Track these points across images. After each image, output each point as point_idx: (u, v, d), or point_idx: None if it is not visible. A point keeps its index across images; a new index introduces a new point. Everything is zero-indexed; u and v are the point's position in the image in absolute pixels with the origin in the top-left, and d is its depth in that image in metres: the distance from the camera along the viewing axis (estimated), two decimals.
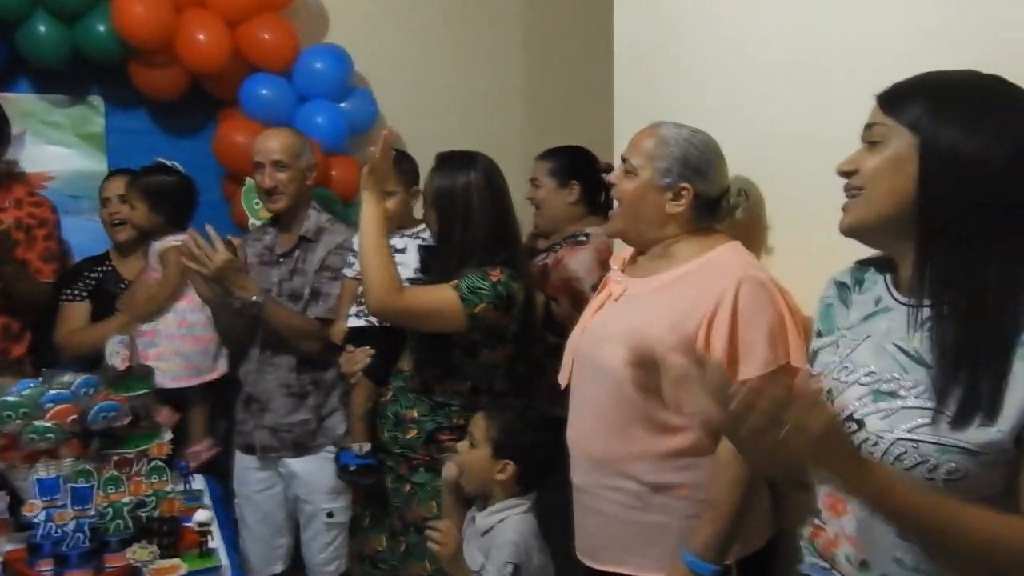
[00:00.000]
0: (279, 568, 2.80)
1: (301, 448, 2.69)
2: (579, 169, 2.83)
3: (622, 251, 1.95)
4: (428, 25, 3.73)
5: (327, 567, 2.76)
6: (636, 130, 1.84)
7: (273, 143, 2.63)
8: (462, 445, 2.01)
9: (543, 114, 3.81)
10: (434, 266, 2.29)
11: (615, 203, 1.83)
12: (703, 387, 1.04)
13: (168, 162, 2.86)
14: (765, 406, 0.98)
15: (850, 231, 1.19)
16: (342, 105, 3.30)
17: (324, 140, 3.15)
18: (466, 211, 2.19)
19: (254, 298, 2.49)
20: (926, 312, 1.12)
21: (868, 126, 1.17)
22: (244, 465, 2.77)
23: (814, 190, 1.66)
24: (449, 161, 2.26)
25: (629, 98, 2.32)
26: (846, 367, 1.20)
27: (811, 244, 1.68)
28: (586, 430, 1.81)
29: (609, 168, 2.86)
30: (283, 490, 2.76)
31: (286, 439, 2.69)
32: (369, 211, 2.15)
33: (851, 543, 1.16)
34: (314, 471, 2.69)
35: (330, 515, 2.72)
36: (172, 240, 2.71)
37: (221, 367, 2.81)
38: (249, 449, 2.75)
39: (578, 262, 2.66)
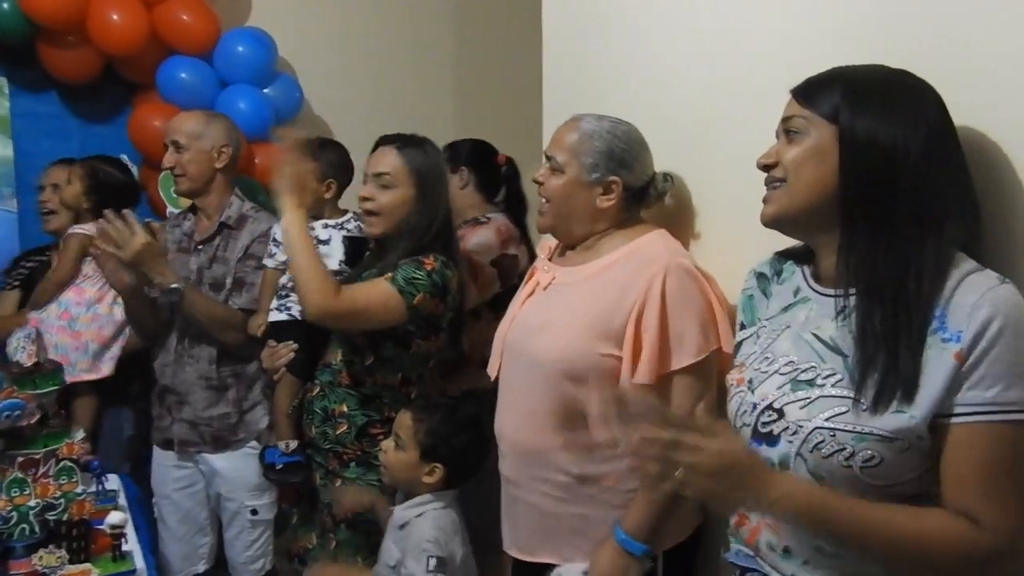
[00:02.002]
0: (202, 568, 2.72)
1: (221, 443, 2.61)
2: (469, 157, 2.82)
3: (549, 240, 1.94)
4: (355, 10, 3.67)
5: (252, 565, 2.69)
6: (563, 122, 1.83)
7: (174, 123, 2.57)
8: (387, 444, 1.97)
9: (471, 102, 3.79)
10: (388, 251, 2.21)
11: (541, 200, 1.81)
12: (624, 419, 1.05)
13: (127, 161, 2.81)
14: (656, 453, 1.01)
15: (772, 222, 1.20)
16: (265, 91, 3.22)
17: (247, 126, 3.04)
18: (443, 188, 2.17)
19: (173, 285, 2.40)
20: (845, 301, 1.13)
21: (786, 119, 1.19)
22: (162, 462, 2.68)
23: (736, 179, 1.69)
24: (412, 140, 2.21)
25: (557, 89, 2.31)
26: (767, 357, 1.22)
27: (734, 232, 1.70)
28: (515, 421, 1.79)
29: (508, 162, 2.90)
30: (204, 487, 2.67)
31: (205, 433, 2.60)
32: (290, 217, 2.07)
33: (773, 531, 1.18)
34: (236, 467, 2.61)
35: (254, 512, 2.64)
36: (80, 228, 2.61)
37: (104, 369, 2.73)
38: (167, 444, 2.65)
39: (478, 239, 2.66)
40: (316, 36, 3.54)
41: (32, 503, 1.78)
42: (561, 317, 1.71)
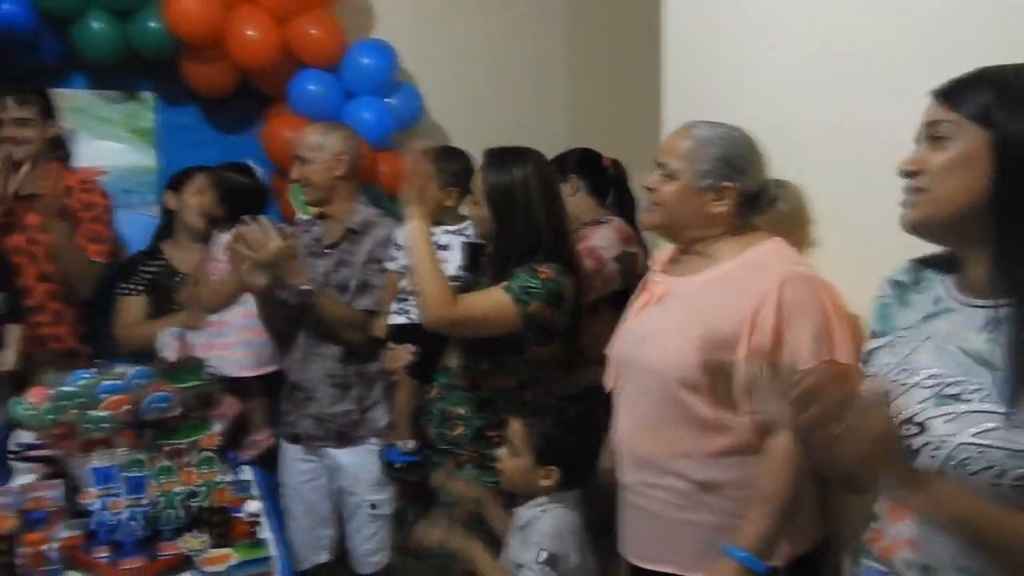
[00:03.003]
0: (324, 558, 2.83)
1: (344, 439, 2.72)
2: (576, 165, 2.84)
3: (661, 252, 1.95)
4: (473, 20, 3.74)
5: (371, 558, 2.79)
6: None
7: (299, 138, 2.71)
8: (502, 452, 2.01)
9: (588, 109, 3.80)
10: (488, 264, 2.28)
11: (647, 203, 1.81)
12: (774, 391, 1.04)
13: (251, 164, 2.94)
14: (826, 401, 0.97)
15: (915, 229, 1.17)
16: (388, 101, 3.32)
17: (370, 136, 3.17)
18: (524, 207, 2.17)
19: (305, 287, 2.52)
20: (997, 313, 1.09)
21: (930, 123, 1.15)
22: (290, 455, 2.81)
23: (857, 185, 1.66)
24: (501, 157, 2.24)
25: (678, 95, 2.31)
26: (905, 369, 1.18)
27: (854, 240, 1.68)
28: (632, 430, 1.80)
29: (614, 165, 2.90)
30: (327, 481, 2.79)
31: (330, 429, 2.72)
32: (415, 226, 2.16)
33: (912, 548, 1.14)
34: (358, 463, 2.72)
35: (374, 507, 2.74)
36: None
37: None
38: (294, 439, 2.78)
39: (600, 236, 2.69)
40: (436, 46, 3.63)
41: (178, 490, 1.91)
42: (674, 326, 1.71)
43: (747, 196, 1.73)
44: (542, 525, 1.87)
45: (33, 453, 2.08)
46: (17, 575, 1.69)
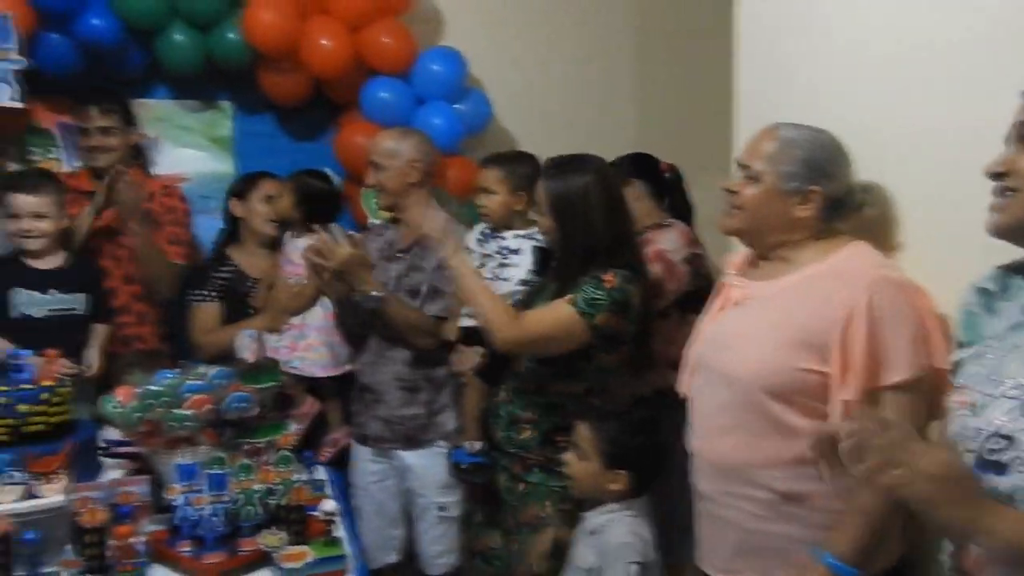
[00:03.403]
0: (393, 559, 2.88)
1: (412, 442, 2.76)
2: (636, 170, 2.87)
3: (736, 254, 1.92)
4: (541, 25, 3.76)
5: (439, 560, 2.81)
6: (758, 131, 1.81)
7: (374, 144, 2.75)
8: (570, 456, 2.01)
9: (655, 113, 3.78)
10: (553, 271, 2.29)
11: (727, 207, 1.79)
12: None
13: (328, 171, 3.02)
14: (879, 444, 0.97)
15: (1002, 232, 1.14)
16: (457, 106, 3.36)
17: (440, 141, 3.19)
18: (585, 215, 2.18)
19: (375, 292, 2.56)
20: None
21: (1019, 123, 1.12)
22: (360, 456, 2.86)
23: (943, 188, 1.62)
24: (562, 165, 2.26)
25: (752, 97, 2.28)
26: (993, 379, 1.15)
27: (941, 244, 1.63)
28: (711, 437, 1.77)
29: (671, 170, 2.88)
30: (397, 482, 2.83)
31: (398, 431, 2.76)
32: (455, 262, 2.21)
33: (1001, 565, 1.11)
34: (426, 465, 2.75)
35: (442, 509, 2.77)
36: (303, 238, 2.83)
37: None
38: (364, 440, 2.83)
39: (666, 239, 2.71)
40: (504, 52, 3.66)
41: (257, 487, 1.96)
42: (756, 331, 1.68)
43: (833, 200, 1.69)
44: (620, 533, 1.86)
45: (120, 450, 2.16)
46: (107, 566, 1.76)
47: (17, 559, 1.71)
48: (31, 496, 1.83)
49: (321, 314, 2.85)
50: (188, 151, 3.46)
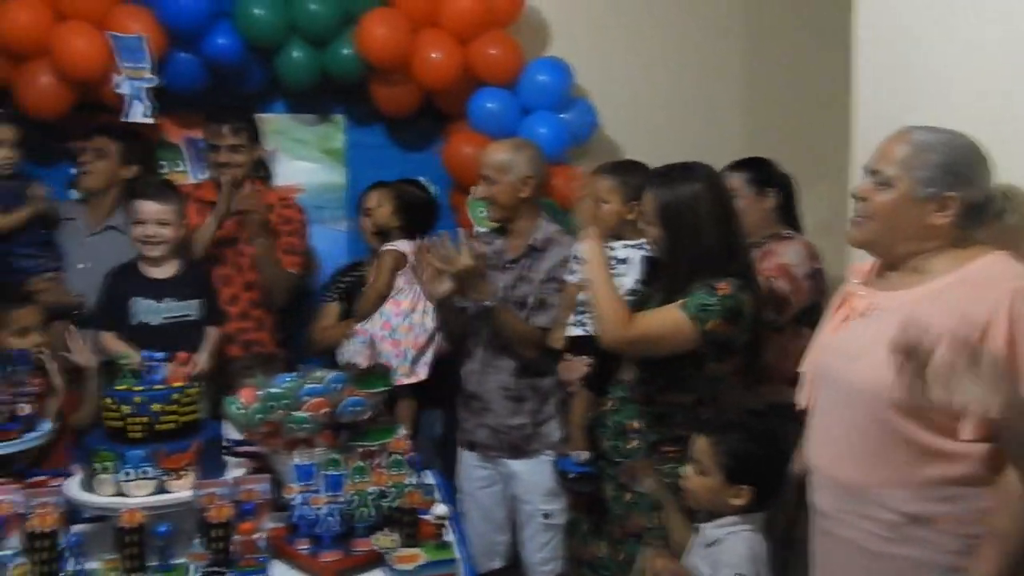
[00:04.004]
0: (498, 564, 2.90)
1: (518, 451, 2.78)
2: (776, 178, 2.84)
3: (861, 263, 1.85)
4: (647, 34, 3.74)
5: (544, 567, 2.82)
6: (879, 136, 1.74)
7: (485, 156, 2.76)
8: (687, 470, 1.98)
9: (764, 121, 3.70)
10: (661, 280, 2.27)
11: (856, 215, 1.73)
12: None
13: (424, 181, 3.09)
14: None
15: None
16: (563, 116, 3.37)
17: (546, 150, 3.19)
18: (693, 223, 2.14)
19: (488, 302, 2.60)
20: None
21: None
22: (467, 462, 2.89)
23: None
24: (670, 174, 2.22)
25: (872, 100, 2.21)
26: None
27: None
28: (834, 453, 1.71)
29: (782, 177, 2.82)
30: (503, 488, 2.85)
31: (504, 440, 2.78)
32: (589, 248, 2.20)
33: None
34: (532, 472, 2.77)
35: (547, 516, 2.78)
36: (392, 245, 2.90)
37: (420, 374, 2.94)
38: (470, 446, 2.87)
39: (791, 254, 2.66)
40: (610, 62, 3.66)
41: (371, 490, 2.00)
42: (883, 343, 1.61)
43: (971, 207, 1.61)
44: (737, 549, 1.82)
45: (241, 449, 2.25)
46: (231, 560, 1.84)
47: (150, 550, 1.80)
48: (162, 491, 1.93)
49: (379, 322, 2.90)
50: (302, 163, 3.59)
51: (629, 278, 2.44)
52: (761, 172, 2.83)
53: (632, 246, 2.48)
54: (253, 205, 2.98)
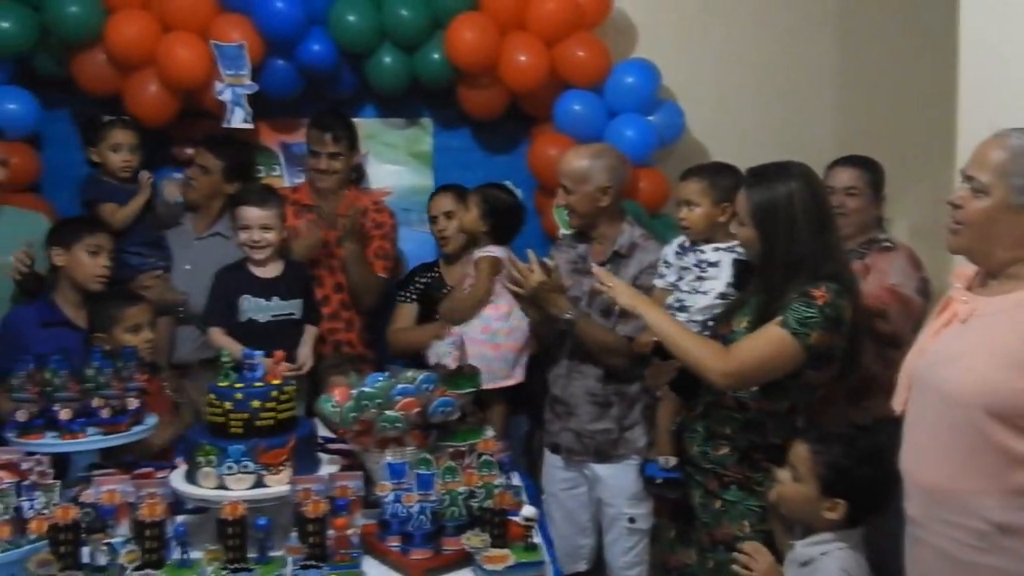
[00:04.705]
0: (582, 567, 2.90)
1: (603, 456, 2.77)
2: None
3: (964, 267, 1.79)
4: (735, 35, 3.69)
5: (628, 572, 2.81)
6: (982, 138, 1.68)
7: (563, 166, 2.73)
8: (783, 475, 1.93)
9: (860, 123, 3.59)
10: (754, 284, 2.23)
11: (951, 223, 1.68)
12: None
13: (510, 184, 3.11)
14: None
15: None
16: (650, 118, 3.34)
17: (632, 153, 3.20)
18: (789, 225, 2.09)
19: (567, 315, 2.60)
20: None
21: None
22: (551, 463, 2.90)
23: None
24: (764, 174, 2.17)
25: (977, 102, 2.13)
26: None
27: None
28: (924, 459, 1.68)
29: None
30: (587, 491, 2.85)
31: (589, 445, 2.78)
32: (651, 318, 2.21)
33: None
34: (617, 475, 2.76)
35: (632, 520, 2.76)
36: (487, 251, 2.92)
37: (517, 375, 2.95)
38: (555, 449, 2.88)
39: (896, 271, 2.58)
40: (698, 63, 3.62)
41: (461, 489, 2.03)
42: (978, 349, 1.58)
43: None
44: (828, 570, 1.77)
45: (333, 446, 2.30)
46: (326, 554, 1.88)
47: (250, 542, 1.86)
48: (260, 485, 1.99)
49: (479, 327, 2.91)
50: (391, 166, 3.66)
51: (720, 281, 2.41)
52: (877, 174, 2.76)
53: (722, 249, 2.45)
54: (347, 210, 3.05)
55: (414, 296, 3.18)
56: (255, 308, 2.87)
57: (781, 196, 2.10)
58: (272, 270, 2.93)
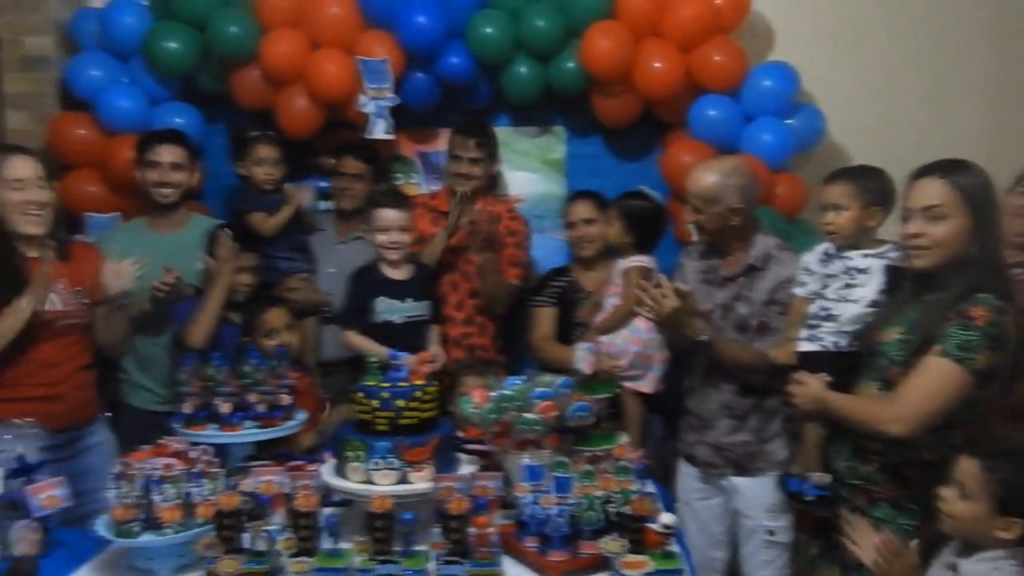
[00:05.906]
0: None
1: (741, 469, 2.72)
2: None
3: None
4: (877, 36, 3.55)
5: None
6: None
7: (692, 186, 2.65)
8: (949, 493, 1.84)
9: (1012, 126, 3.38)
10: (910, 291, 2.13)
11: None
12: None
13: (648, 190, 3.09)
14: None
15: None
16: (788, 122, 3.26)
17: (769, 158, 3.15)
18: (993, 218, 2.02)
19: (703, 337, 2.57)
20: None
21: None
22: (686, 473, 2.86)
23: None
24: (950, 165, 2.07)
25: None
26: None
27: None
28: None
29: None
30: (723, 503, 2.79)
31: (727, 458, 2.73)
32: (807, 394, 2.27)
33: None
34: (755, 487, 2.70)
35: (771, 533, 2.69)
36: (635, 260, 2.91)
37: (661, 384, 2.94)
38: (690, 459, 2.84)
39: None
40: (838, 64, 3.50)
41: (598, 494, 2.04)
42: None
43: None
44: None
45: (471, 447, 2.36)
46: (467, 551, 1.93)
47: (396, 535, 1.93)
48: (404, 481, 2.06)
49: (629, 337, 2.89)
50: (523, 173, 3.71)
51: (869, 288, 2.31)
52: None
53: (871, 255, 2.35)
54: (483, 217, 3.12)
55: (551, 299, 3.20)
56: (390, 309, 2.96)
57: (986, 180, 2.03)
58: (404, 272, 3.01)
